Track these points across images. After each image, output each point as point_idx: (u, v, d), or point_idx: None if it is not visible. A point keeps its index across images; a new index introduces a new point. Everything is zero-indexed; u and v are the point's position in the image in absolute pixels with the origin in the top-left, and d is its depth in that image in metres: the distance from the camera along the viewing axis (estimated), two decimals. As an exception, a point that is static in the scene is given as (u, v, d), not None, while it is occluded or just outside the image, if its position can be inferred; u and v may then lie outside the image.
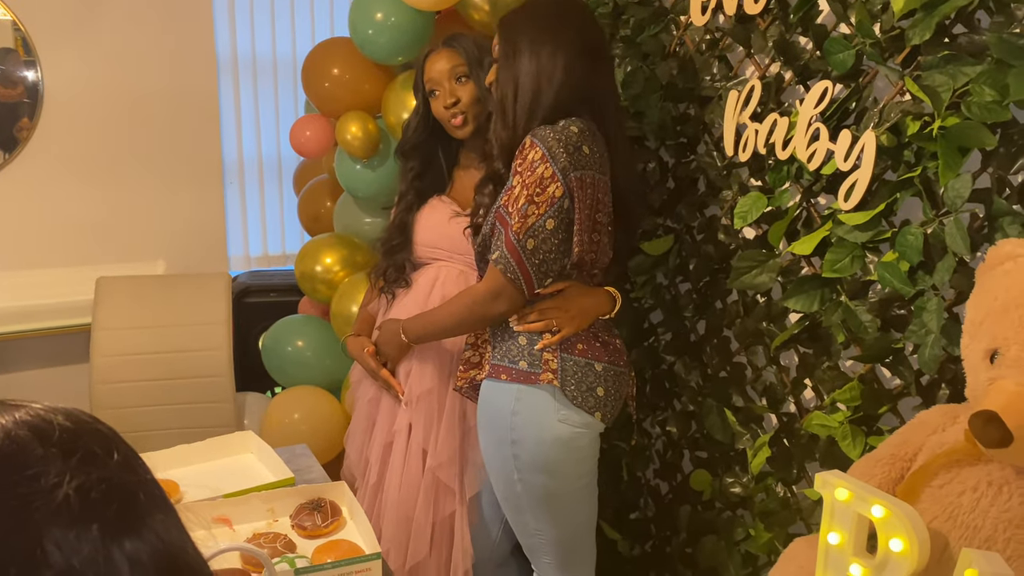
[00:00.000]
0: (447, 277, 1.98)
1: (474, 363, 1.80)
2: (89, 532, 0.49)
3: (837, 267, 1.59)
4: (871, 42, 1.51)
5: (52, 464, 0.50)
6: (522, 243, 1.61)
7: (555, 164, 1.60)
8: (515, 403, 1.68)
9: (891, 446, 1.38)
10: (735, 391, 1.93)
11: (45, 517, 0.48)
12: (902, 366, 1.55)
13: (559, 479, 1.70)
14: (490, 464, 1.77)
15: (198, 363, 2.64)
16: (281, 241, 3.70)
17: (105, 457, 0.53)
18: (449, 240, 1.98)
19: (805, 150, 1.63)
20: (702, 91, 1.94)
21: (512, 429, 1.68)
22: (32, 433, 0.52)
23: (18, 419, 0.53)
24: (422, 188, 2.06)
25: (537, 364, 1.68)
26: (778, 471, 1.82)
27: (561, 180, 1.60)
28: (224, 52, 3.44)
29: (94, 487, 0.51)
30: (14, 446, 0.51)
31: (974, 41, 1.38)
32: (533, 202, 1.60)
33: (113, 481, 0.52)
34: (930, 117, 1.42)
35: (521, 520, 1.77)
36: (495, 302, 1.68)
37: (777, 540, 1.80)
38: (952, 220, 1.39)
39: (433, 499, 1.90)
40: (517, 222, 1.61)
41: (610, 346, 1.74)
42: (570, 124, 1.64)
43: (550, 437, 1.66)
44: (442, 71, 1.95)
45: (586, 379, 1.67)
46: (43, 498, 0.49)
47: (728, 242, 1.91)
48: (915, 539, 1.16)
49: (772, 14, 1.74)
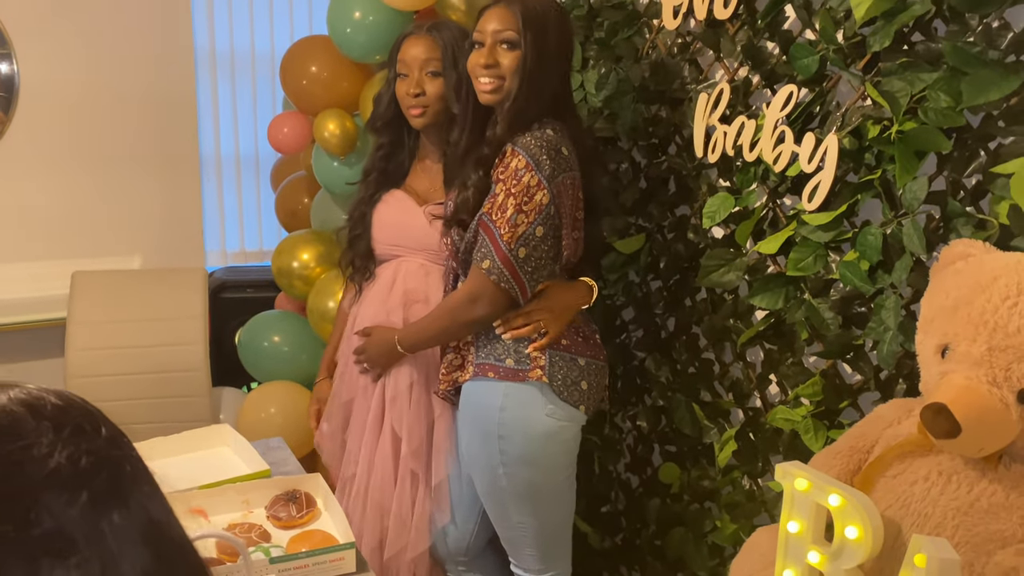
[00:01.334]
0: (407, 271, 1.99)
1: (456, 366, 1.83)
2: (79, 499, 0.52)
3: (801, 266, 1.64)
4: (834, 48, 1.56)
5: (44, 435, 0.53)
6: (514, 252, 1.65)
7: (540, 172, 1.63)
8: (503, 399, 1.72)
9: (850, 439, 1.43)
10: (703, 386, 1.98)
11: (38, 482, 0.51)
12: (862, 361, 1.61)
13: (544, 472, 1.75)
14: (473, 460, 1.81)
15: (174, 357, 2.65)
16: (258, 237, 3.71)
17: (93, 432, 0.56)
18: (408, 237, 1.99)
19: (771, 152, 1.68)
20: (673, 93, 1.99)
21: (500, 424, 1.72)
22: (25, 408, 0.55)
23: (12, 396, 0.56)
24: (387, 170, 2.06)
25: (525, 361, 1.73)
26: (744, 464, 1.87)
27: (547, 187, 1.64)
28: (202, 47, 3.44)
29: (83, 457, 0.54)
30: (8, 419, 0.54)
31: (931, 49, 1.43)
32: (521, 211, 1.64)
33: (101, 453, 0.55)
34: (889, 121, 1.47)
35: (504, 514, 1.81)
36: (474, 306, 1.71)
37: (742, 531, 1.85)
38: (909, 221, 1.44)
39: (408, 489, 1.93)
40: (507, 231, 1.65)
41: (591, 340, 1.80)
42: (546, 128, 1.68)
43: (538, 431, 1.71)
44: (416, 58, 1.94)
45: (571, 374, 1.73)
46: (36, 465, 0.52)
47: (697, 241, 1.96)
48: (869, 526, 1.21)
49: (741, 19, 1.78)
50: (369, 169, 2.06)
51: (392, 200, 2.02)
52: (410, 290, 1.96)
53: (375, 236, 2.02)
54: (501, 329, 1.75)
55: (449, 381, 1.84)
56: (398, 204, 2.01)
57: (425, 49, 1.95)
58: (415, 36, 1.98)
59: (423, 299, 1.94)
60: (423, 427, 1.92)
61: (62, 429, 0.55)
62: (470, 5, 2.39)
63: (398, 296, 1.96)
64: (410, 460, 1.90)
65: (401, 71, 1.97)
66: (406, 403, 1.94)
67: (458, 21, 2.41)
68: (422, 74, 1.94)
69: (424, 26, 1.99)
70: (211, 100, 3.51)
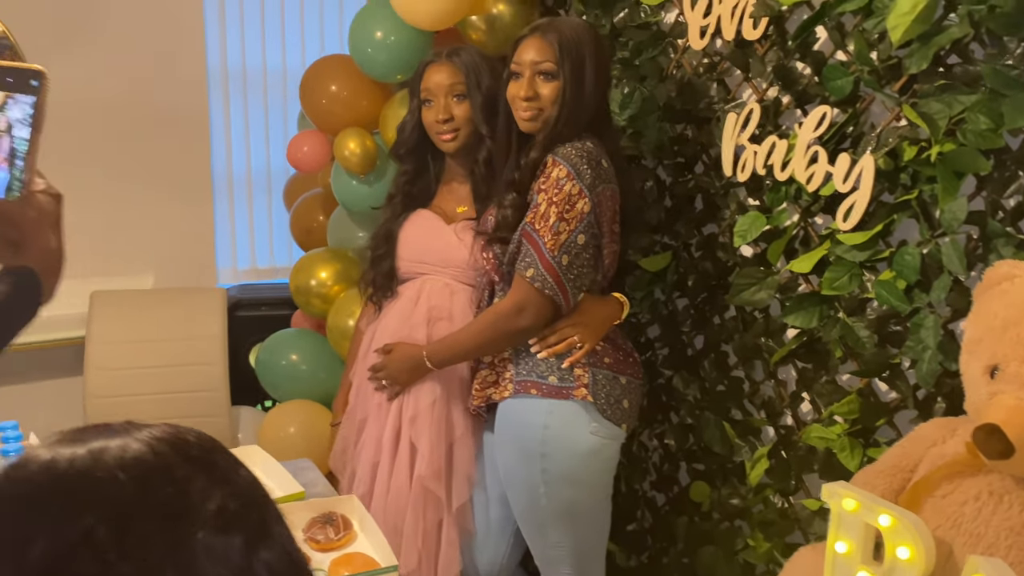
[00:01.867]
0: (432, 289, 1.99)
1: (491, 382, 1.83)
2: (234, 542, 0.52)
3: (836, 285, 1.65)
4: (869, 70, 1.57)
5: (196, 478, 0.53)
6: (557, 260, 1.67)
7: (581, 181, 1.66)
8: (547, 417, 1.73)
9: (892, 457, 1.44)
10: (733, 404, 1.98)
11: (197, 528, 0.51)
12: (899, 380, 1.61)
13: (586, 490, 1.77)
14: (513, 478, 1.81)
15: (193, 377, 2.65)
16: (269, 255, 3.71)
17: (235, 472, 0.56)
18: (435, 254, 2.00)
19: (804, 171, 1.69)
20: (700, 112, 2.00)
21: (543, 443, 1.73)
22: (172, 449, 0.55)
23: (156, 435, 0.56)
24: (412, 193, 2.08)
25: (568, 379, 1.74)
26: (776, 482, 1.87)
27: (588, 196, 1.66)
28: (214, 65, 3.45)
29: (233, 500, 0.54)
30: (160, 460, 0.53)
31: (968, 71, 1.45)
32: (563, 219, 1.66)
33: (248, 495, 0.55)
34: (927, 143, 1.49)
35: (542, 533, 1.81)
36: (520, 316, 1.72)
37: (776, 549, 1.86)
38: (949, 241, 1.45)
39: (422, 510, 1.93)
40: (550, 239, 1.67)
41: (630, 358, 1.82)
42: (586, 140, 1.71)
43: (582, 449, 1.73)
44: (440, 84, 1.97)
45: (614, 392, 1.75)
46: (194, 510, 0.52)
47: (726, 259, 1.97)
48: (922, 547, 1.21)
49: (770, 40, 1.80)
50: (394, 193, 2.07)
51: (418, 219, 2.03)
52: (435, 307, 1.96)
53: (400, 253, 2.03)
54: (536, 347, 1.75)
55: (483, 397, 1.84)
56: (424, 222, 2.02)
57: (448, 75, 1.97)
58: (436, 63, 2.00)
59: (447, 316, 1.94)
60: (444, 447, 1.92)
61: (211, 470, 0.55)
62: (491, 25, 2.40)
63: (422, 312, 1.96)
64: (431, 481, 1.90)
65: (426, 98, 1.99)
66: (427, 422, 1.93)
67: (479, 41, 2.43)
68: (448, 99, 1.96)
69: (443, 52, 2.02)
70: (223, 118, 3.51)
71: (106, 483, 0.52)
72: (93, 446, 0.54)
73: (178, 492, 0.52)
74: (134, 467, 0.53)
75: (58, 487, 0.52)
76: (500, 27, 2.41)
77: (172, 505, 0.52)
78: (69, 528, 0.49)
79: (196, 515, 0.52)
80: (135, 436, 0.55)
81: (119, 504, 0.51)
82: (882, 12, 1.53)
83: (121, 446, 0.54)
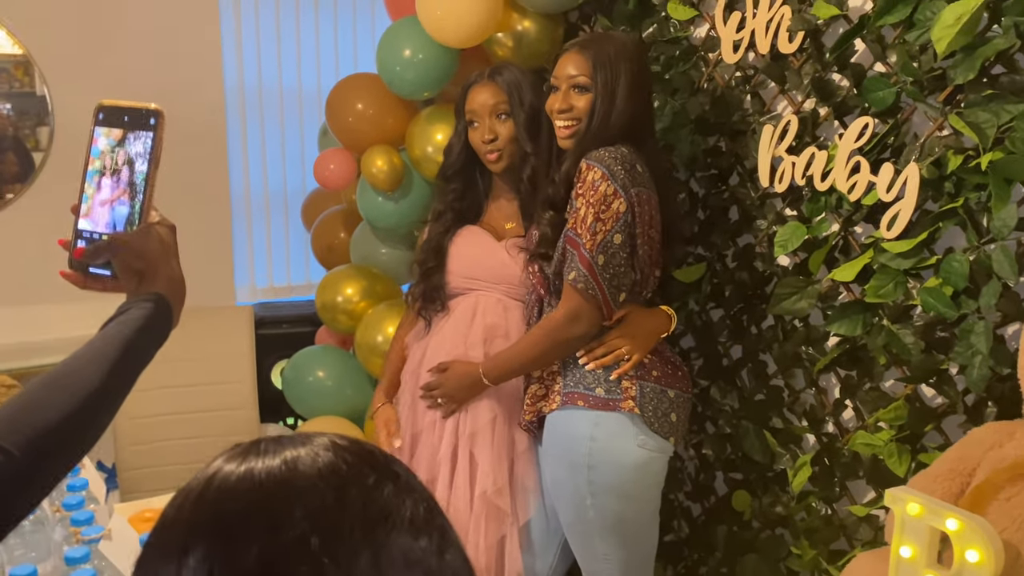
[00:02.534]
0: (487, 305, 2.00)
1: (540, 396, 1.84)
2: (426, 546, 0.53)
3: (881, 292, 1.67)
4: (912, 81, 1.60)
5: (385, 485, 0.55)
6: (595, 258, 1.67)
7: (615, 181, 1.67)
8: (593, 429, 1.73)
9: (948, 462, 1.45)
10: (773, 413, 1.99)
11: (394, 533, 0.53)
12: (946, 386, 1.63)
13: (633, 503, 1.76)
14: (560, 490, 1.81)
15: (221, 396, 2.64)
16: (287, 272, 3.71)
17: (413, 479, 0.58)
18: (487, 271, 2.00)
19: (845, 182, 1.71)
20: (734, 125, 2.03)
21: (589, 454, 1.73)
22: (358, 458, 0.56)
23: (338, 443, 0.57)
24: (461, 209, 2.08)
25: (615, 391, 1.74)
26: (821, 489, 1.88)
27: (623, 196, 1.67)
28: (232, 85, 3.47)
29: (420, 504, 0.55)
30: (352, 469, 0.55)
31: (1014, 81, 1.47)
32: (599, 219, 1.67)
33: (429, 500, 0.56)
34: (973, 151, 1.52)
35: (589, 545, 1.81)
36: (574, 324, 1.73)
37: (821, 556, 1.87)
38: (999, 247, 1.48)
39: (484, 526, 1.93)
40: (588, 239, 1.68)
41: (679, 372, 1.81)
42: (620, 146, 1.72)
43: (629, 462, 1.72)
44: (484, 104, 2.00)
45: (661, 405, 1.74)
46: (391, 516, 0.53)
47: (763, 269, 1.99)
48: (991, 549, 1.23)
49: (806, 52, 1.83)
50: (443, 210, 2.08)
51: (468, 235, 2.04)
52: (491, 325, 1.96)
53: (451, 268, 2.03)
54: (584, 359, 1.76)
55: (534, 411, 1.85)
56: (475, 239, 2.03)
57: (491, 95, 1.99)
58: (479, 85, 2.02)
59: (503, 334, 1.95)
60: (507, 463, 1.93)
61: (396, 478, 0.56)
62: (518, 42, 2.43)
63: (479, 331, 1.96)
64: (496, 498, 1.90)
65: (471, 120, 2.02)
66: (488, 439, 1.93)
67: (505, 57, 2.45)
68: (492, 119, 1.98)
69: (485, 73, 2.04)
70: (240, 136, 3.53)
71: (308, 492, 0.53)
72: (286, 456, 0.55)
73: (373, 499, 0.54)
74: (331, 476, 0.54)
75: (264, 496, 0.53)
76: (526, 44, 2.43)
77: (371, 511, 0.53)
78: (285, 534, 0.51)
79: (392, 521, 0.53)
80: (318, 445, 0.56)
81: (324, 512, 0.52)
82: (924, 24, 1.57)
83: (311, 455, 0.55)
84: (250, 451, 0.57)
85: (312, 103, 3.62)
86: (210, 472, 0.56)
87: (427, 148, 2.48)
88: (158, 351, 0.88)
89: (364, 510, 0.53)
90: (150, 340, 0.85)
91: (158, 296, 0.88)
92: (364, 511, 0.53)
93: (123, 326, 0.84)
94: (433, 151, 2.45)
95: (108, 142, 0.93)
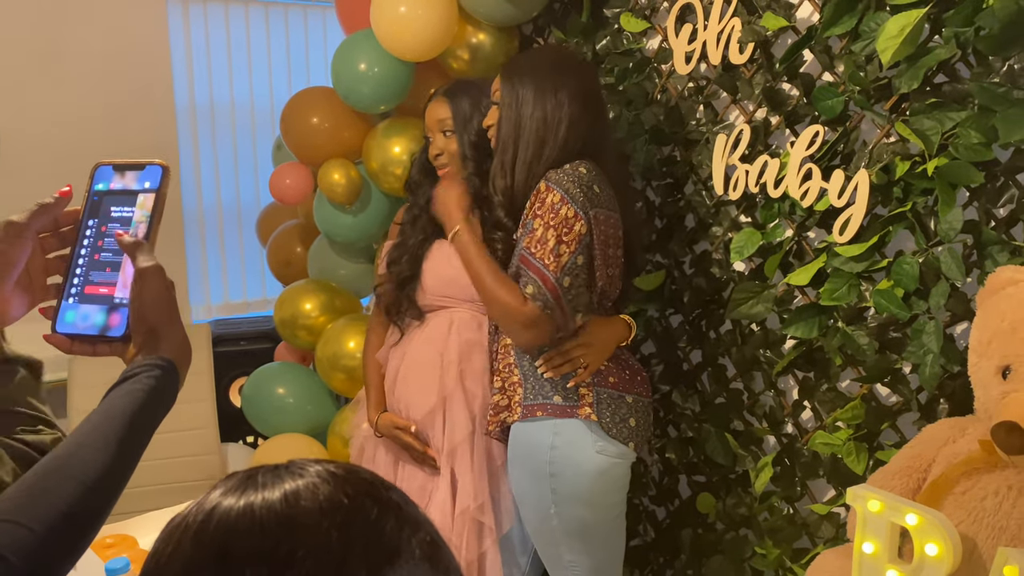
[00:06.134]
0: (462, 321, 1.98)
1: (503, 406, 1.85)
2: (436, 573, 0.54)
3: (836, 295, 1.72)
4: (859, 90, 1.65)
5: (387, 518, 0.55)
6: (560, 281, 1.68)
7: (575, 204, 1.68)
8: (553, 437, 1.74)
9: (905, 459, 1.50)
10: (734, 416, 2.03)
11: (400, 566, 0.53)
12: (901, 384, 1.68)
13: (596, 509, 1.78)
14: (524, 499, 1.83)
15: (181, 416, 2.57)
16: (242, 288, 3.67)
17: (412, 507, 0.58)
18: (461, 289, 1.96)
19: (798, 188, 1.76)
20: (687, 134, 2.07)
21: (551, 463, 1.74)
22: (358, 490, 0.56)
23: (336, 473, 0.56)
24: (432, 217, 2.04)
25: (573, 397, 1.75)
26: (782, 489, 1.92)
27: (584, 218, 1.69)
28: (182, 101, 3.42)
29: (423, 536, 0.55)
30: (354, 503, 0.54)
31: (956, 89, 1.53)
32: (563, 241, 1.68)
33: (432, 530, 0.57)
34: (919, 157, 1.57)
35: (555, 553, 1.82)
36: (526, 331, 1.71)
37: (785, 555, 1.91)
38: (946, 249, 1.53)
39: (465, 542, 1.93)
40: (552, 262, 1.68)
41: (638, 377, 1.83)
42: (578, 166, 1.74)
43: (590, 468, 1.74)
44: (433, 120, 2.02)
45: (619, 411, 1.76)
46: (395, 550, 0.53)
47: (720, 275, 2.03)
48: (949, 542, 1.27)
49: (757, 63, 1.87)
50: (417, 215, 2.06)
51: (441, 252, 2.00)
52: (468, 341, 1.96)
53: (424, 284, 2.01)
54: (542, 368, 1.78)
55: (497, 422, 1.85)
56: (449, 258, 1.99)
57: (441, 111, 2.02)
58: (434, 100, 2.05)
59: (481, 350, 1.96)
60: (487, 478, 1.93)
61: (398, 510, 0.56)
62: (473, 55, 2.45)
63: (455, 347, 1.96)
64: (479, 515, 1.90)
65: (427, 134, 2.04)
66: (468, 454, 1.93)
67: (460, 70, 2.47)
68: (439, 135, 2.00)
69: (442, 89, 2.06)
70: (192, 152, 3.49)
71: (311, 531, 0.52)
72: (285, 489, 0.55)
73: (377, 535, 0.54)
74: (333, 512, 0.54)
75: (266, 535, 0.52)
76: (482, 56, 2.45)
77: (375, 550, 0.53)
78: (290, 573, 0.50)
79: (397, 558, 0.53)
80: (316, 476, 0.56)
81: (329, 552, 0.52)
82: (869, 35, 1.62)
83: (311, 488, 0.55)
84: (248, 484, 0.56)
85: (265, 117, 3.60)
86: (208, 506, 0.55)
87: (384, 161, 2.48)
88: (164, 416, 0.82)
89: (368, 549, 0.53)
90: (157, 411, 0.78)
91: (165, 361, 0.81)
92: (368, 550, 0.53)
93: (130, 398, 0.77)
94: (391, 164, 2.45)
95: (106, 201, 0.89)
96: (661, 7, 2.10)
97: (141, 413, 0.76)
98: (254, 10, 3.55)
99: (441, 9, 2.30)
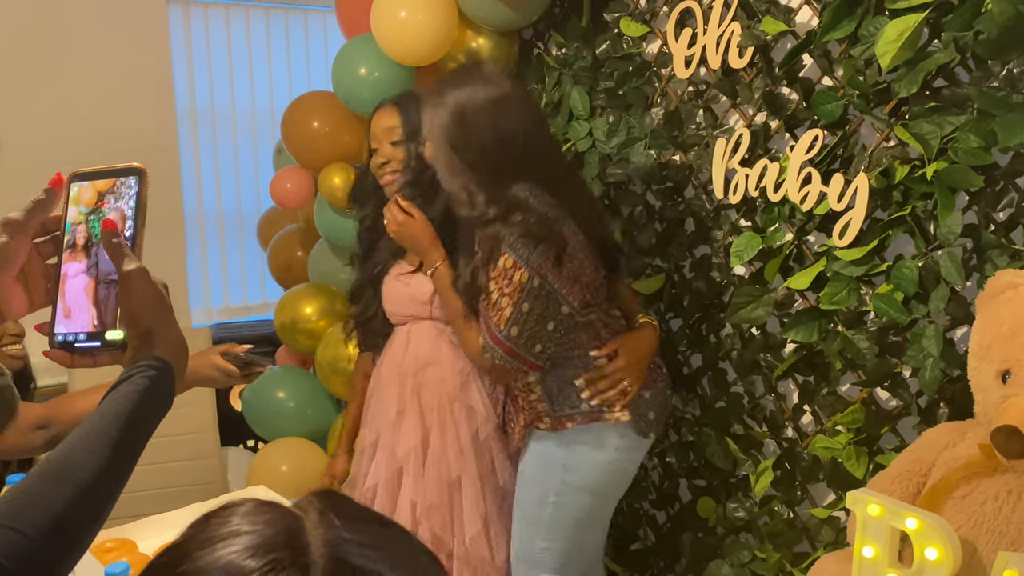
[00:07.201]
0: (419, 334, 2.01)
1: (529, 421, 1.84)
2: None
3: (835, 299, 1.72)
4: (858, 94, 1.65)
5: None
6: (506, 333, 1.69)
7: (515, 254, 1.67)
8: (577, 439, 1.79)
9: (904, 463, 1.50)
10: (734, 419, 2.03)
11: None
12: (900, 388, 1.68)
13: (601, 499, 1.83)
14: (527, 484, 1.86)
15: (182, 420, 2.60)
16: (243, 292, 3.68)
17: None
18: (419, 305, 2.00)
19: (798, 192, 1.76)
20: (687, 139, 2.07)
21: (568, 457, 1.79)
22: None
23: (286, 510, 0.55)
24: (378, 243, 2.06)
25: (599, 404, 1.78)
26: (783, 494, 1.92)
27: (524, 266, 1.66)
28: (183, 105, 3.43)
29: None
30: None
31: (955, 93, 1.53)
32: (504, 294, 1.68)
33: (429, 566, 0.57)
34: (919, 162, 1.57)
35: (529, 536, 1.85)
36: (489, 372, 1.83)
37: (785, 559, 1.90)
38: (946, 253, 1.53)
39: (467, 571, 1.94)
40: (495, 315, 1.69)
41: (653, 368, 1.85)
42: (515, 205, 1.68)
43: (604, 462, 1.79)
44: (380, 128, 2.03)
45: (639, 408, 1.79)
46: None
47: (720, 279, 2.03)
48: (949, 547, 1.27)
49: (757, 67, 1.88)
50: (366, 250, 2.08)
51: (396, 274, 2.03)
52: (420, 355, 1.99)
53: (386, 307, 2.05)
54: (587, 393, 1.78)
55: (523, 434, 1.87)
56: (403, 277, 2.01)
57: (389, 119, 2.02)
58: (382, 108, 2.06)
59: (435, 361, 1.97)
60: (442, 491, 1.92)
61: None
62: (472, 59, 2.45)
63: (411, 361, 1.99)
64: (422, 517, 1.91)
65: (372, 144, 2.05)
66: (419, 462, 1.95)
67: (461, 74, 2.47)
68: (386, 144, 2.00)
69: (391, 98, 2.06)
70: (193, 156, 3.49)
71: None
72: None
73: None
74: None
75: None
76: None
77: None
78: None
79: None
80: None
81: None
82: (868, 40, 1.62)
83: None
84: None
85: (265, 122, 3.61)
86: None
87: (385, 165, 2.48)
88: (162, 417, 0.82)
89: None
90: (153, 411, 0.77)
91: (160, 362, 0.80)
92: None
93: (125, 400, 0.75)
94: (391, 168, 2.45)
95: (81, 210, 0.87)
96: (661, 11, 2.10)
97: (136, 414, 0.75)
98: (255, 14, 3.56)
99: (441, 13, 2.30)
